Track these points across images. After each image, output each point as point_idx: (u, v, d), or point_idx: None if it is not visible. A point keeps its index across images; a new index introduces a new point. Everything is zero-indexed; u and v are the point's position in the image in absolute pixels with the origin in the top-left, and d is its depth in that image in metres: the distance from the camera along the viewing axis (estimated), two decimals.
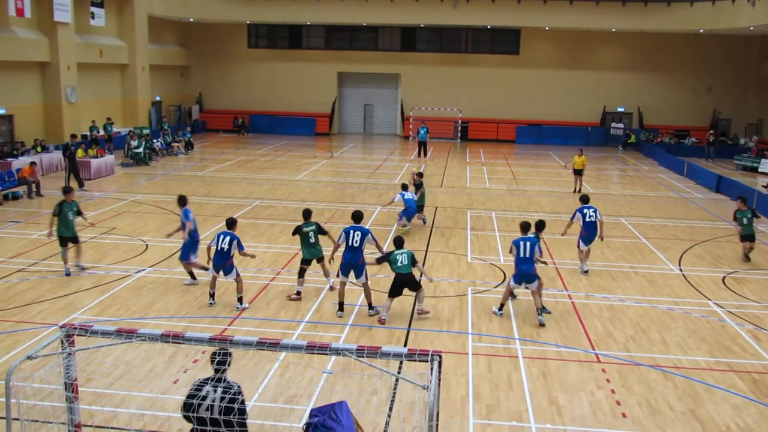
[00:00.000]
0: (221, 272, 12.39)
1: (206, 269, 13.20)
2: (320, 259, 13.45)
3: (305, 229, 13.08)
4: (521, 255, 12.18)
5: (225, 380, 6.12)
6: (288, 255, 16.19)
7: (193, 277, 13.79)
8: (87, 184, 24.58)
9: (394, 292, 12.00)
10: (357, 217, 12.86)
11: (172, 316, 12.17)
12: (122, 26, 35.96)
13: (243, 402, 6.09)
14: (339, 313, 12.35)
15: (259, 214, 20.58)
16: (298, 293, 13.09)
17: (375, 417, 8.61)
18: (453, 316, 12.57)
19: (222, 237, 12.27)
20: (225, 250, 12.20)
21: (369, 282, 12.57)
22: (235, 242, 12.27)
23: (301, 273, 13.16)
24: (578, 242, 15.49)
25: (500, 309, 12.56)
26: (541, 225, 13.61)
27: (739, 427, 8.84)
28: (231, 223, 12.76)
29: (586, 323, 12.40)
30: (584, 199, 15.80)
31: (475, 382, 9.88)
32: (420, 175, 19.96)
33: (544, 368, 10.47)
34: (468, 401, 9.32)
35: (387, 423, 8.53)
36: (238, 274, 12.49)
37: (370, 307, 12.47)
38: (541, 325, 12.07)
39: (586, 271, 15.36)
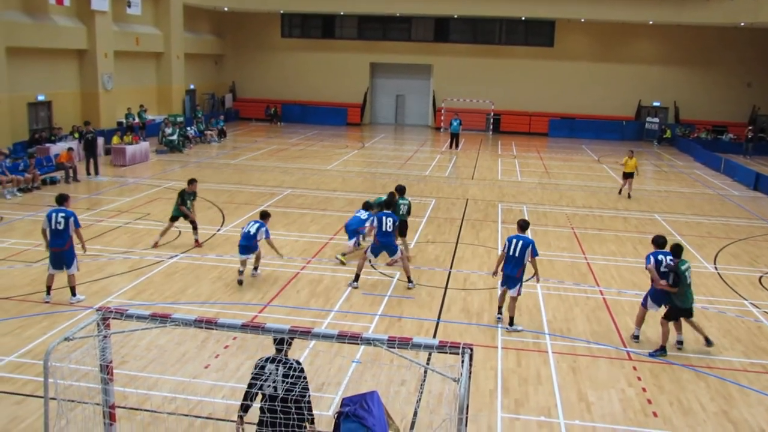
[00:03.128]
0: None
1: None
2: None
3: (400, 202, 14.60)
4: (510, 253, 11.55)
5: (286, 360, 6.27)
6: (319, 244, 16.27)
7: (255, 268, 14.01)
8: (121, 171, 24.96)
9: None
10: (388, 203, 13.84)
11: (204, 301, 12.31)
12: (158, 15, 36.30)
13: (305, 379, 6.24)
14: (354, 284, 13.25)
15: (290, 203, 20.69)
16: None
17: (403, 407, 8.62)
18: (482, 309, 12.53)
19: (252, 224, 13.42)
20: (252, 233, 13.22)
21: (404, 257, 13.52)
22: (263, 230, 13.29)
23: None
24: (645, 298, 11.28)
25: (499, 313, 12.04)
26: (678, 250, 10.93)
27: None
28: (264, 215, 13.78)
29: (617, 320, 12.27)
30: (658, 242, 11.20)
31: (504, 376, 9.84)
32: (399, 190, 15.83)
33: (573, 364, 10.39)
34: (496, 395, 9.29)
35: (415, 414, 8.54)
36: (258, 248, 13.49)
37: (409, 280, 13.38)
38: (515, 331, 11.55)
39: (637, 336, 11.41)
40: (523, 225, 12.12)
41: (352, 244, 15.34)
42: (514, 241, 11.68)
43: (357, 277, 13.32)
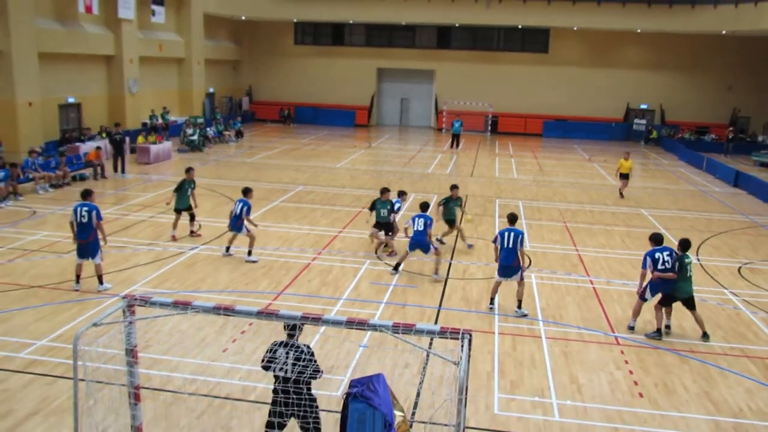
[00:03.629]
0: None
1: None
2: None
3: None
4: (504, 245, 11.52)
5: (296, 344, 6.34)
6: (329, 236, 16.27)
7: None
8: (146, 168, 25.00)
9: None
10: (423, 206, 14.10)
11: (222, 290, 12.32)
12: (180, 23, 36.29)
13: (315, 364, 6.28)
14: (393, 271, 13.60)
15: (302, 199, 20.68)
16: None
17: (407, 389, 8.63)
18: (481, 297, 12.51)
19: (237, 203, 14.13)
20: (236, 214, 13.98)
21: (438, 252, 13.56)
22: (245, 208, 13.99)
23: None
24: (643, 291, 11.02)
25: (491, 303, 12.01)
26: (686, 244, 10.98)
27: (751, 410, 8.65)
28: (245, 191, 14.51)
29: (606, 307, 12.24)
30: (657, 239, 11.13)
31: (501, 360, 9.84)
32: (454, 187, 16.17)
33: (565, 348, 10.37)
34: (493, 377, 9.28)
35: (418, 394, 8.55)
36: (248, 231, 14.08)
37: (436, 272, 13.54)
38: (523, 316, 11.58)
39: (632, 327, 11.20)
40: (512, 218, 12.15)
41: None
42: (506, 233, 11.64)
43: (397, 266, 13.66)
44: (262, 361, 6.52)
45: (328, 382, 8.81)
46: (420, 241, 13.29)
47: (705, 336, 10.89)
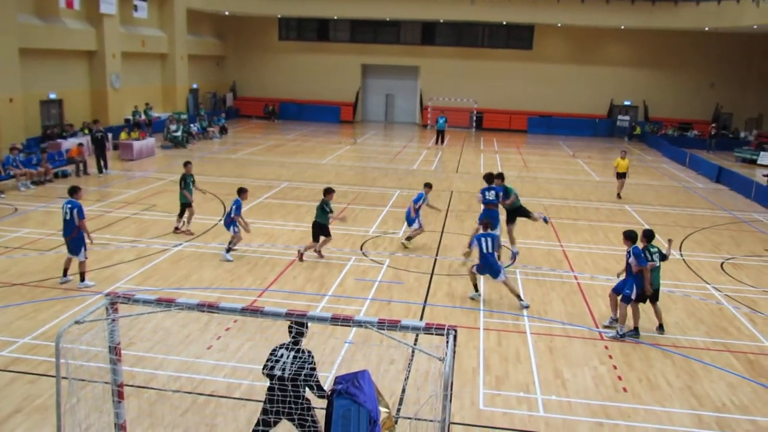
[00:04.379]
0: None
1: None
2: None
3: None
4: (485, 252, 11.62)
5: (299, 348, 6.44)
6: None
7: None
8: (129, 165, 24.79)
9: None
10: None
11: (207, 287, 12.26)
12: (163, 18, 35.98)
13: (313, 367, 6.37)
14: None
15: (287, 195, 20.61)
16: None
17: (392, 384, 8.63)
18: (466, 293, 12.52)
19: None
20: (228, 212, 13.97)
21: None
22: (233, 207, 13.78)
23: None
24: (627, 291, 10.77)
25: (476, 290, 12.16)
26: (641, 234, 11.02)
27: (734, 404, 8.75)
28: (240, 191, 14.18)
29: (590, 303, 12.31)
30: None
31: (486, 355, 9.87)
32: (499, 177, 15.16)
33: (550, 344, 10.43)
34: (479, 372, 9.32)
35: (404, 390, 8.55)
36: (235, 232, 13.88)
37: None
38: (526, 307, 11.77)
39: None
40: (487, 224, 12.28)
41: (415, 226, 15.22)
42: (483, 239, 11.75)
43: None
44: (264, 367, 6.48)
45: None
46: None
47: (660, 328, 10.91)
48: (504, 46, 43.47)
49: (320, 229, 13.94)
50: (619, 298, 10.75)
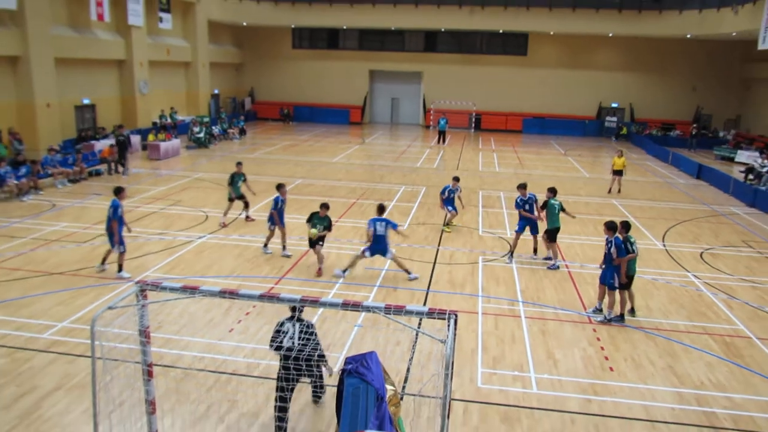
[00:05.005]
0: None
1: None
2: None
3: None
4: (377, 233, 12.08)
5: (300, 318, 6.92)
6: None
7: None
8: (156, 164, 24.88)
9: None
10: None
11: (228, 275, 12.32)
12: (186, 29, 36.00)
13: (315, 333, 6.93)
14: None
15: (301, 191, 20.65)
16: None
17: (398, 365, 8.68)
18: (465, 280, 12.56)
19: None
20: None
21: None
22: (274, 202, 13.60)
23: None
24: (612, 280, 10.60)
25: (409, 274, 12.42)
26: (620, 225, 10.63)
27: (712, 382, 8.76)
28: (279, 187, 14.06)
29: (580, 289, 12.31)
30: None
31: (484, 338, 9.90)
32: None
33: (543, 327, 10.45)
34: (477, 353, 9.35)
35: (408, 370, 8.60)
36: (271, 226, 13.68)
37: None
38: (415, 279, 12.33)
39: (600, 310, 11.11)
40: (381, 209, 12.63)
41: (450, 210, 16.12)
42: (378, 223, 12.13)
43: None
44: (272, 341, 6.88)
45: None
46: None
47: (632, 312, 10.92)
48: (501, 53, 43.24)
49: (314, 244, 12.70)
50: (606, 288, 10.73)
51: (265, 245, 13.88)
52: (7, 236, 14.36)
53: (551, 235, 13.67)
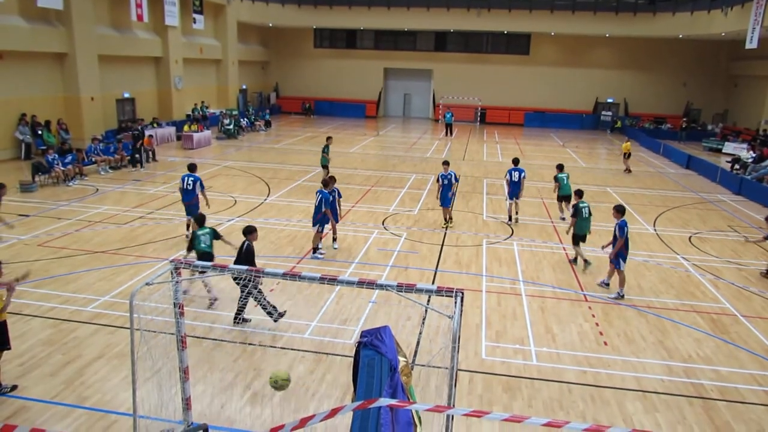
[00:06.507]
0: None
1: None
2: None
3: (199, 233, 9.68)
4: (316, 205, 12.04)
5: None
6: (343, 210, 16.14)
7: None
8: (189, 153, 24.89)
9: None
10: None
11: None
12: (217, 29, 35.86)
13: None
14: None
15: (319, 179, 20.53)
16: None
17: (409, 338, 8.63)
18: (471, 261, 12.46)
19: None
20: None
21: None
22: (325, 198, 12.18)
23: None
24: (617, 260, 10.58)
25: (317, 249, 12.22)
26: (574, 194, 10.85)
27: (699, 356, 8.62)
28: (325, 183, 12.62)
29: (576, 270, 12.17)
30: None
31: (487, 314, 9.82)
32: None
33: (542, 304, 10.34)
34: (481, 328, 9.27)
35: (418, 343, 8.55)
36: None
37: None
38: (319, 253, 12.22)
39: (607, 284, 11.16)
40: (325, 183, 12.51)
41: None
42: (319, 195, 12.06)
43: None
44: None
45: (342, 332, 8.84)
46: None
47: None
48: (505, 52, 42.68)
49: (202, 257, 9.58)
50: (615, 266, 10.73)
51: (316, 249, 12.31)
52: (55, 218, 14.45)
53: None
